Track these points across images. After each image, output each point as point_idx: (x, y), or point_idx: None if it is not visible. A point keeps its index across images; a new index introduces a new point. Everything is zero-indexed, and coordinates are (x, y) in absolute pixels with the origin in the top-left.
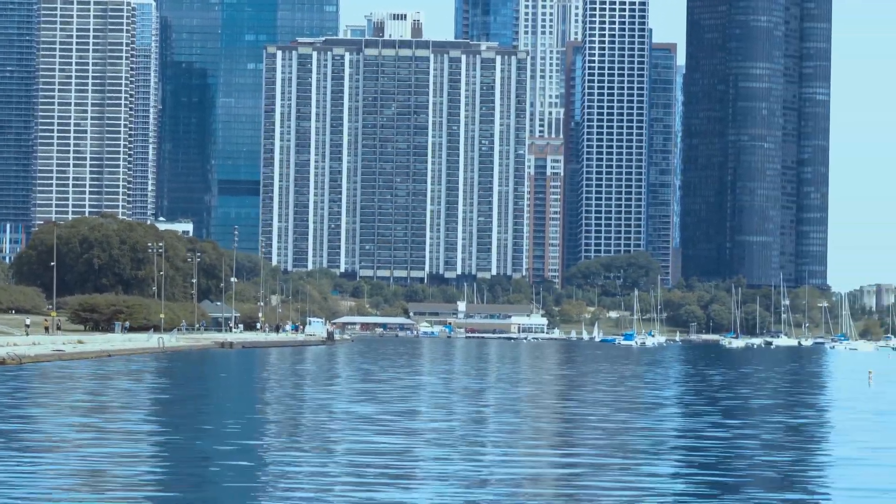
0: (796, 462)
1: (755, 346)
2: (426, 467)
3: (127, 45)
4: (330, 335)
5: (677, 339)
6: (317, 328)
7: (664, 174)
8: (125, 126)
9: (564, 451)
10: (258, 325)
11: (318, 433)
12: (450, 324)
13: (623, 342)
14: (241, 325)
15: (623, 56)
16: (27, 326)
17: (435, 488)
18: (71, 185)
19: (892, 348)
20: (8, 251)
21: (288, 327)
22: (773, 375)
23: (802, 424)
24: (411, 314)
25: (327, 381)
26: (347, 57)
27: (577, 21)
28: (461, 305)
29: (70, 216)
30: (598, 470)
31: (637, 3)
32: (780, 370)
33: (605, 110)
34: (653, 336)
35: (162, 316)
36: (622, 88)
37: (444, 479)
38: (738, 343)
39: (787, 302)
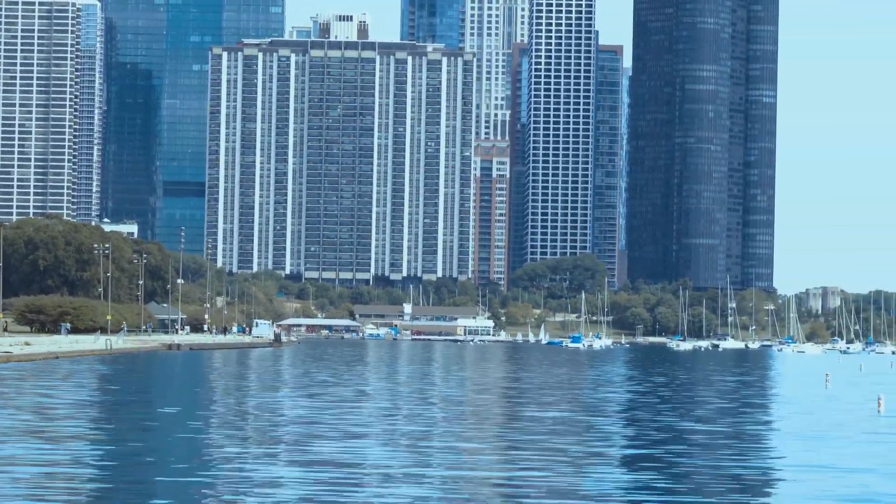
0: (752, 467)
1: (703, 349)
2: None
3: (72, 45)
4: (277, 337)
5: (623, 341)
6: (264, 330)
7: (610, 176)
8: (70, 127)
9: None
10: (206, 328)
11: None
12: (396, 326)
13: (570, 344)
14: (187, 327)
15: (569, 58)
16: None
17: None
18: (16, 186)
19: (840, 351)
20: None
21: (235, 329)
22: (731, 378)
23: (767, 428)
24: (357, 316)
25: (274, 386)
26: (293, 58)
27: (523, 23)
28: (407, 307)
29: (14, 217)
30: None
31: (583, 6)
32: (737, 373)
33: (552, 112)
34: (600, 338)
35: (109, 318)
36: (568, 90)
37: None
38: (686, 346)
39: (734, 304)
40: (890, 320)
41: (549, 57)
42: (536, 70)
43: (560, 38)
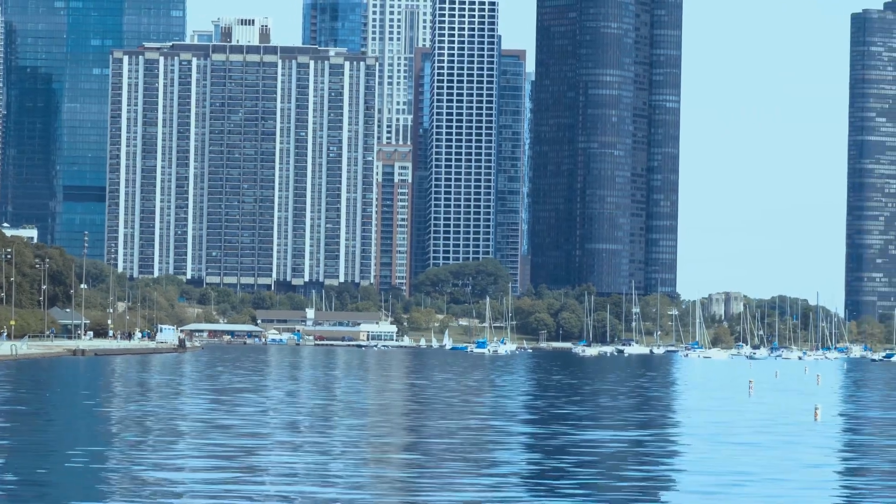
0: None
1: (608, 354)
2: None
3: None
4: (181, 343)
5: (525, 346)
6: (168, 335)
7: (513, 181)
8: None
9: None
10: (110, 333)
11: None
12: (299, 331)
13: (476, 350)
14: (90, 333)
15: (472, 63)
16: None
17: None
18: None
19: (747, 356)
20: None
21: (138, 335)
22: (645, 383)
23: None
24: (259, 321)
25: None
26: (195, 62)
27: (425, 27)
28: (310, 313)
29: None
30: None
31: (486, 10)
32: (652, 377)
33: (454, 117)
34: (505, 344)
35: (12, 323)
36: (471, 95)
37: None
38: (592, 351)
39: (638, 310)
40: (794, 325)
41: (452, 61)
42: (439, 75)
43: (462, 42)
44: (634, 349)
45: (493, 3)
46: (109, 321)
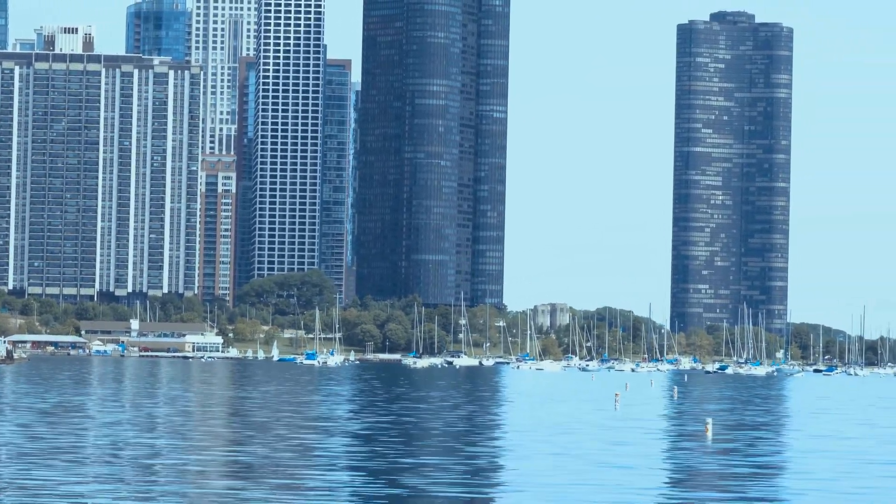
0: None
1: (439, 366)
2: None
3: None
4: (9, 354)
5: (352, 357)
6: None
7: (338, 191)
8: None
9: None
10: None
11: None
12: (123, 342)
13: (305, 361)
14: None
15: (297, 72)
16: None
17: None
18: None
19: (580, 368)
20: None
21: None
22: (508, 397)
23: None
24: (83, 332)
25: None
26: (17, 70)
27: (249, 37)
28: (134, 324)
29: None
30: None
31: (312, 20)
32: (507, 391)
33: (279, 127)
34: (334, 355)
35: None
36: (296, 105)
37: None
38: (423, 363)
39: (466, 321)
40: (623, 337)
41: (277, 71)
42: (264, 84)
43: (288, 52)
44: (464, 361)
45: (319, 13)
46: None
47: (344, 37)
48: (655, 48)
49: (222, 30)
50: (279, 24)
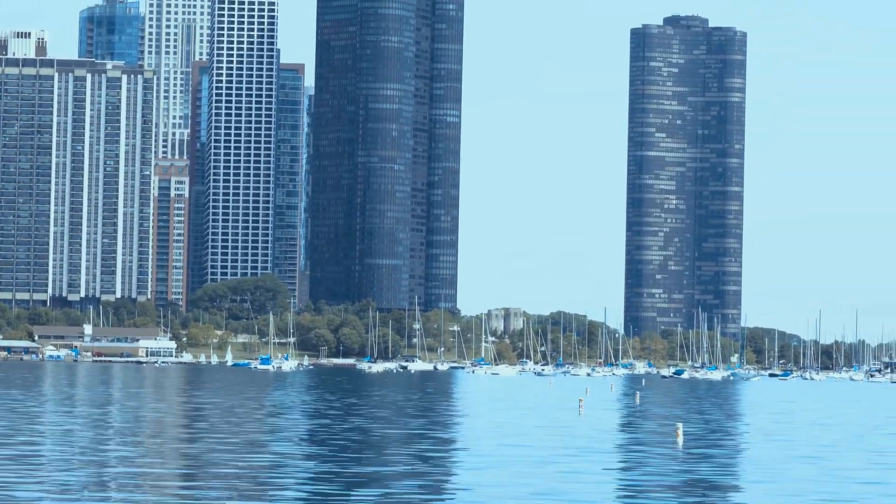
0: None
1: (394, 371)
2: None
3: None
4: None
5: (306, 362)
6: None
7: (291, 196)
8: None
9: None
10: None
11: None
12: (76, 347)
13: (260, 366)
14: None
15: (250, 77)
16: None
17: None
18: None
19: (535, 373)
20: None
21: None
22: (473, 403)
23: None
24: (37, 337)
25: None
26: None
27: (202, 41)
28: (87, 329)
29: None
30: None
31: (265, 24)
32: (475, 398)
33: (232, 131)
34: (288, 360)
35: None
36: (249, 109)
37: None
38: (378, 368)
39: (420, 326)
40: (578, 341)
41: (230, 75)
42: (217, 89)
43: (241, 56)
44: (418, 365)
45: (273, 17)
46: None
47: (297, 41)
48: (609, 52)
49: (175, 34)
50: (232, 29)
